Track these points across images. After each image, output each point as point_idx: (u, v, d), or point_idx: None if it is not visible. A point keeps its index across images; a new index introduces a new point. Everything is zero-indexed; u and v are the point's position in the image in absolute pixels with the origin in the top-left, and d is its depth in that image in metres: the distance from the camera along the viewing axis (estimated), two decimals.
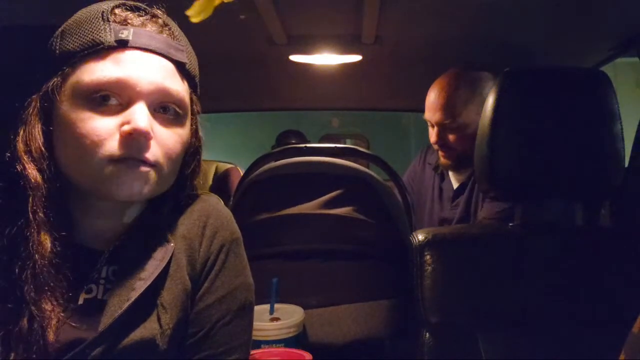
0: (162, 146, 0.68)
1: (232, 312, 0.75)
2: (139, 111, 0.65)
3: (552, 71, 1.09)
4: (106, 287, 0.69)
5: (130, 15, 0.68)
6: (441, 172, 1.66)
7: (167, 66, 0.69)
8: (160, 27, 0.70)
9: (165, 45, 0.69)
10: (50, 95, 0.66)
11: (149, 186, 0.68)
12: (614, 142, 1.01)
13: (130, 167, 0.65)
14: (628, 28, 1.34)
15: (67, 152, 0.66)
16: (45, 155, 0.66)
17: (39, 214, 0.64)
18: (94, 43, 0.65)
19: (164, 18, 0.72)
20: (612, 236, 1.12)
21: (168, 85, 0.68)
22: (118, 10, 0.68)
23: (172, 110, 0.70)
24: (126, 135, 0.64)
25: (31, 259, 0.63)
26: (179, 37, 0.72)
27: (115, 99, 0.66)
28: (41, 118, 0.67)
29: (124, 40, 0.66)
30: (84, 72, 0.65)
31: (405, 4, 1.26)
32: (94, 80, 0.64)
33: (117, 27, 0.66)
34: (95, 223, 0.71)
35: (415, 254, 1.04)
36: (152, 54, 0.67)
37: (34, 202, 0.64)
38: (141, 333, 0.66)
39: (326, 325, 1.19)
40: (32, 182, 0.65)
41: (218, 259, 0.76)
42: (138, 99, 0.66)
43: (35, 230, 0.64)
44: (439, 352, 0.99)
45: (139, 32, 0.67)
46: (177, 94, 0.69)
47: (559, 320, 0.99)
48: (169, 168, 0.70)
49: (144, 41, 0.67)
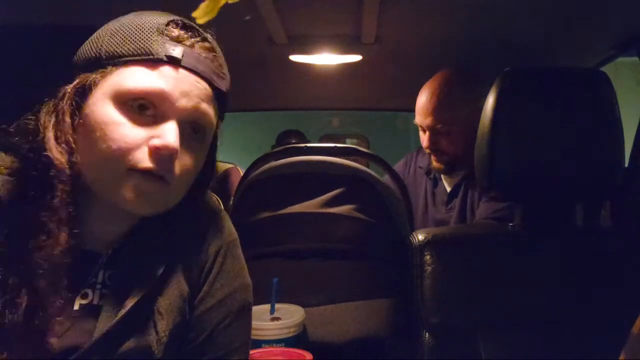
0: (181, 166, 0.68)
1: (232, 313, 0.75)
2: (171, 128, 0.65)
3: (552, 71, 1.09)
4: (102, 292, 0.69)
5: (183, 34, 0.69)
6: (434, 177, 1.65)
7: (208, 91, 0.70)
8: (208, 52, 0.71)
9: (211, 71, 0.70)
10: (87, 90, 0.66)
11: (159, 203, 0.68)
12: (614, 142, 1.01)
13: (148, 180, 0.65)
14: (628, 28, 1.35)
15: (90, 152, 0.65)
16: (74, 148, 0.65)
17: (63, 209, 0.63)
18: (145, 52, 0.66)
19: (212, 42, 0.72)
20: (612, 236, 1.12)
21: (204, 109, 0.69)
22: (171, 25, 0.69)
23: (200, 131, 0.70)
24: (154, 149, 0.64)
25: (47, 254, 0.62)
26: (223, 65, 0.73)
27: (151, 111, 0.65)
28: (73, 111, 0.66)
29: (175, 57, 0.66)
30: (128, 76, 0.65)
31: (405, 4, 1.26)
32: (138, 87, 0.65)
33: (169, 43, 0.67)
34: (97, 226, 0.71)
35: (415, 254, 1.04)
36: (197, 76, 0.68)
37: (61, 195, 0.63)
38: (137, 340, 0.66)
39: (326, 324, 1.19)
40: (62, 173, 0.63)
41: (216, 261, 0.75)
42: (172, 116, 0.66)
43: (56, 224, 0.62)
44: (439, 352, 0.99)
45: (188, 52, 0.67)
46: (210, 119, 0.70)
47: (559, 321, 0.99)
48: (180, 188, 0.70)
49: (193, 63, 0.68)
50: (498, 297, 1.02)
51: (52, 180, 0.63)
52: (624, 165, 1.03)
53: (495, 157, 1.01)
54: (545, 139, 1.02)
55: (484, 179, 1.05)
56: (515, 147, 1.02)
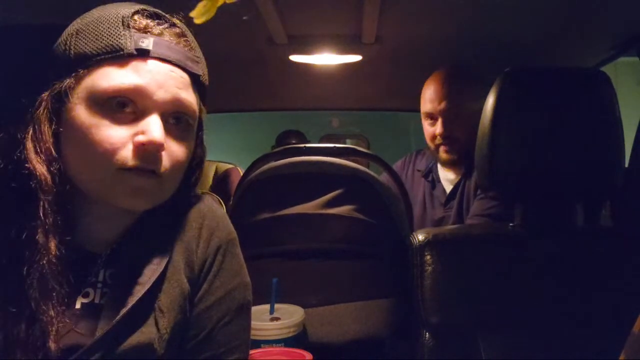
0: (171, 158, 0.68)
1: (231, 312, 0.76)
2: (153, 122, 0.65)
3: (552, 71, 1.09)
4: (103, 291, 0.69)
5: (150, 23, 0.68)
6: (432, 179, 1.65)
7: (184, 78, 0.69)
8: (178, 37, 0.70)
9: (183, 56, 0.69)
10: (62, 96, 0.65)
11: (154, 197, 0.68)
12: (614, 142, 1.01)
13: (139, 176, 0.65)
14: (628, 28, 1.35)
15: (76, 156, 0.66)
16: (55, 157, 0.65)
17: (49, 218, 0.63)
18: (113, 48, 0.65)
19: (182, 28, 0.72)
20: (612, 236, 1.12)
21: (183, 97, 0.68)
22: (138, 16, 0.68)
23: (184, 121, 0.70)
24: (140, 145, 0.64)
25: (38, 263, 0.62)
26: (195, 48, 0.72)
27: (131, 107, 0.65)
28: (51, 118, 0.66)
29: (144, 49, 0.65)
30: (101, 76, 0.65)
31: (405, 4, 1.26)
32: (112, 86, 0.64)
33: (137, 35, 0.66)
34: (95, 226, 0.71)
35: (415, 254, 1.04)
36: (170, 64, 0.67)
37: (44, 204, 0.63)
38: (139, 338, 0.66)
39: (326, 325, 1.19)
40: (43, 184, 0.64)
41: (215, 260, 0.76)
42: (153, 109, 0.66)
43: (44, 233, 0.63)
44: (439, 352, 0.99)
45: (158, 42, 0.67)
46: (191, 105, 0.70)
47: (559, 321, 0.99)
48: (174, 179, 0.70)
49: (163, 52, 0.67)
50: (498, 297, 1.02)
51: (35, 191, 0.64)
52: (624, 165, 1.03)
53: (495, 157, 1.01)
54: (545, 139, 1.02)
55: (484, 178, 1.05)
56: (515, 147, 1.02)
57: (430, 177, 1.66)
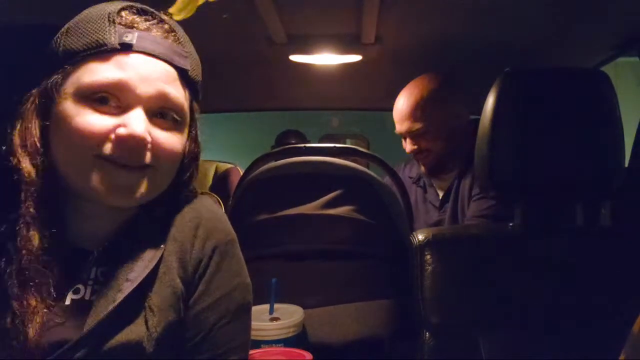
0: (158, 149, 0.68)
1: (230, 313, 0.75)
2: (136, 116, 0.65)
3: (552, 71, 1.09)
4: (94, 288, 0.69)
5: (136, 18, 0.68)
6: (423, 184, 1.67)
7: (169, 72, 0.69)
8: (166, 33, 0.70)
9: (169, 51, 0.69)
10: (50, 91, 0.66)
11: (141, 192, 0.68)
12: (614, 142, 1.01)
13: (119, 170, 0.65)
14: (628, 28, 1.35)
15: (60, 146, 0.66)
16: (40, 151, 0.66)
17: (31, 210, 0.64)
18: (97, 44, 0.65)
19: (170, 23, 0.71)
20: (612, 236, 1.11)
21: (168, 91, 0.68)
22: (125, 12, 0.68)
23: (170, 116, 0.69)
24: (121, 138, 0.64)
25: (18, 254, 0.63)
26: (184, 44, 0.72)
27: (114, 102, 0.65)
28: (39, 114, 0.66)
29: (128, 43, 0.65)
30: (85, 72, 0.65)
31: (405, 4, 1.27)
32: (95, 82, 0.64)
33: (122, 30, 0.66)
34: (87, 223, 0.71)
35: (415, 254, 1.04)
36: (155, 59, 0.67)
37: (26, 197, 0.64)
38: (127, 335, 0.66)
39: (326, 325, 1.19)
40: (26, 176, 0.65)
41: (212, 260, 0.75)
42: (137, 104, 0.66)
43: (25, 225, 0.64)
44: (439, 352, 0.99)
45: (143, 36, 0.67)
46: (177, 100, 0.69)
47: (559, 320, 0.99)
48: (164, 172, 0.70)
49: (148, 46, 0.67)
50: (498, 297, 1.02)
51: (19, 183, 0.64)
52: (624, 165, 1.03)
53: (495, 157, 1.01)
54: (545, 139, 1.02)
55: (484, 179, 1.05)
56: (515, 147, 1.02)
57: (422, 183, 1.67)
